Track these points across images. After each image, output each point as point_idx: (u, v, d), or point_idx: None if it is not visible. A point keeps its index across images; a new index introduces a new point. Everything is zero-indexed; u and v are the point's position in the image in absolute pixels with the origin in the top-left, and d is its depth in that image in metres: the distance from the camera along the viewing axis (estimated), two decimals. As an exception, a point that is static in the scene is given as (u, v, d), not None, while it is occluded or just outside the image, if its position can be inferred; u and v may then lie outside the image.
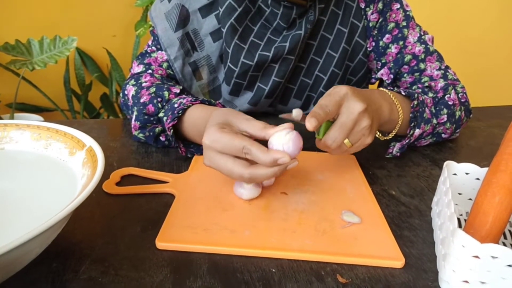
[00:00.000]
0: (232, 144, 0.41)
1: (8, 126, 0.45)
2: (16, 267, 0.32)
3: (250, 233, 0.41)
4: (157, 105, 0.58)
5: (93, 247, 0.39)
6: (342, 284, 0.36)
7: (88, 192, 0.33)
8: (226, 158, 0.42)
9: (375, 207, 0.47)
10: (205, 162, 0.44)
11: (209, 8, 0.67)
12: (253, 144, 0.41)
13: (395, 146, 0.60)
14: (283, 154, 0.40)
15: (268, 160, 0.40)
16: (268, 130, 0.43)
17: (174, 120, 0.54)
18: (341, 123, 0.46)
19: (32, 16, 1.61)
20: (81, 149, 0.42)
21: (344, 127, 0.46)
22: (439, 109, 0.62)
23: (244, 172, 0.41)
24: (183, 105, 0.55)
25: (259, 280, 0.36)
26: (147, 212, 0.45)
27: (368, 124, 0.48)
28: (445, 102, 0.62)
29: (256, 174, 0.41)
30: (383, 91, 0.57)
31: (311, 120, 0.43)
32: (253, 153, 0.41)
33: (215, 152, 0.43)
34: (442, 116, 0.62)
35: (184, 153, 0.56)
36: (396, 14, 0.70)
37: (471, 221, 0.38)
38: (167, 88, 0.60)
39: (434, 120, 0.61)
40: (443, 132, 0.64)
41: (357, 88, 0.50)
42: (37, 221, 0.30)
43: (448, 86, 0.64)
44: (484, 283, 0.34)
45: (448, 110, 0.62)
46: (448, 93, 0.63)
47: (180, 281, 0.36)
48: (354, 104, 0.46)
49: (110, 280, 0.35)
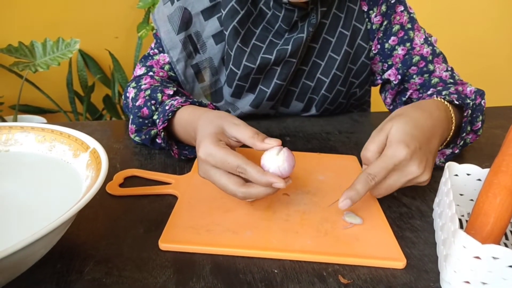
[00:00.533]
0: (226, 161, 0.41)
1: (13, 129, 0.46)
2: (22, 268, 0.32)
3: (253, 234, 0.42)
4: (151, 108, 0.58)
5: (97, 248, 0.40)
6: (344, 285, 0.36)
7: (93, 194, 0.33)
8: (220, 173, 0.42)
9: (377, 208, 0.48)
10: (200, 174, 0.44)
11: (211, 10, 0.67)
12: (248, 163, 0.41)
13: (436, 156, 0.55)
14: (279, 179, 0.40)
15: (263, 183, 0.40)
16: (256, 141, 0.42)
17: (164, 122, 0.53)
18: (390, 186, 0.44)
19: (34, 18, 1.62)
20: (85, 151, 0.42)
21: (392, 188, 0.44)
22: (475, 116, 0.59)
23: (238, 191, 0.41)
24: (173, 107, 0.54)
25: (261, 280, 0.36)
26: (150, 213, 0.45)
27: (426, 177, 0.44)
28: (481, 108, 0.60)
29: (249, 193, 0.41)
30: (447, 108, 0.52)
31: (345, 202, 0.41)
32: (248, 173, 0.40)
33: (209, 166, 0.42)
34: (477, 123, 0.60)
35: (177, 155, 0.56)
36: (400, 17, 0.70)
37: (473, 222, 0.38)
38: (160, 90, 0.59)
39: (468, 127, 0.58)
40: (470, 142, 0.62)
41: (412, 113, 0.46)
42: (42, 222, 0.30)
43: (482, 92, 0.62)
44: (485, 283, 0.34)
45: (482, 116, 0.61)
46: (484, 99, 0.61)
47: (183, 282, 0.36)
48: (411, 169, 0.43)
49: (114, 281, 0.36)
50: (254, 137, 0.43)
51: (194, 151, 0.56)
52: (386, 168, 0.42)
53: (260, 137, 0.43)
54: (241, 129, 0.43)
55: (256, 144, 0.42)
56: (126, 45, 1.76)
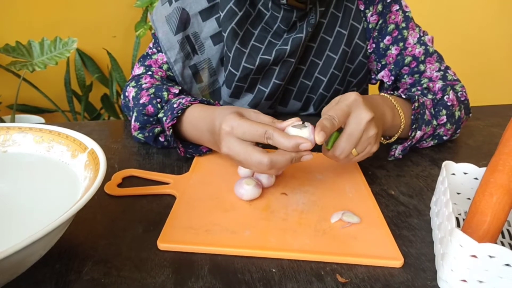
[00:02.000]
0: (254, 129, 0.42)
1: (11, 129, 0.46)
2: (20, 269, 0.32)
3: (251, 233, 0.42)
4: (156, 106, 0.58)
5: (95, 248, 0.40)
6: (341, 284, 0.37)
7: (91, 194, 0.33)
8: (245, 144, 0.43)
9: (375, 207, 0.48)
10: (223, 150, 0.45)
11: (209, 11, 0.67)
12: (275, 129, 0.42)
13: (396, 149, 0.60)
14: (305, 139, 0.42)
15: (290, 145, 0.42)
16: (277, 124, 0.44)
17: (173, 120, 0.54)
18: (349, 134, 0.47)
19: (32, 17, 1.62)
20: (83, 152, 0.43)
21: (352, 137, 0.47)
22: (438, 110, 0.62)
23: (263, 158, 0.42)
24: (182, 105, 0.55)
25: (259, 280, 0.37)
26: (148, 213, 0.46)
27: (374, 133, 0.48)
28: (444, 103, 0.62)
29: (276, 160, 0.42)
30: (385, 97, 0.57)
31: (319, 134, 0.43)
32: (275, 137, 0.42)
33: (234, 138, 0.43)
34: (442, 117, 0.62)
35: (183, 153, 0.57)
36: (395, 16, 0.70)
37: (469, 220, 0.38)
38: (166, 89, 0.60)
39: (434, 121, 0.61)
40: (444, 134, 0.64)
41: (364, 95, 0.50)
42: (40, 223, 0.30)
43: (446, 87, 0.64)
44: (482, 282, 0.34)
45: (447, 111, 0.62)
46: (447, 94, 0.63)
47: (182, 282, 0.36)
48: (362, 113, 0.47)
49: (113, 281, 0.36)
50: (274, 121, 0.45)
51: (198, 150, 0.57)
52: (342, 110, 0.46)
53: (279, 121, 0.45)
54: (260, 117, 0.46)
55: (277, 126, 0.44)
56: (124, 44, 1.76)
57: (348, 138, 0.47)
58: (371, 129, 0.47)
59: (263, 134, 0.42)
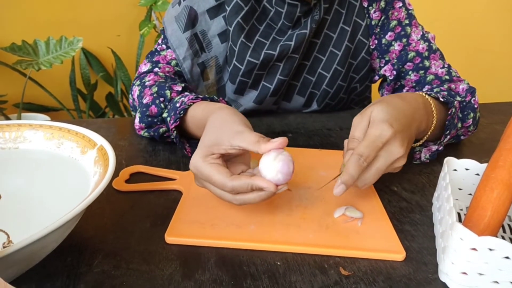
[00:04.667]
0: (212, 180, 0.41)
1: (22, 126, 0.47)
2: (35, 260, 0.34)
3: (256, 227, 0.43)
4: (160, 106, 0.58)
5: (105, 241, 0.41)
6: (344, 276, 0.38)
7: (102, 188, 0.34)
8: (213, 186, 0.42)
9: (377, 202, 0.49)
10: (196, 183, 0.45)
11: (217, 9, 0.68)
12: (233, 179, 0.40)
13: (421, 152, 0.58)
14: (267, 183, 0.39)
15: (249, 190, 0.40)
16: (261, 144, 0.40)
17: (176, 121, 0.53)
18: (378, 169, 0.43)
19: (38, 17, 1.63)
20: (93, 148, 0.44)
21: (379, 171, 0.44)
22: (466, 114, 0.61)
23: (233, 198, 0.41)
24: (184, 104, 0.54)
25: (264, 272, 0.38)
26: (155, 208, 0.47)
27: (402, 164, 0.45)
28: (471, 106, 0.62)
29: (244, 200, 0.41)
30: (427, 102, 0.53)
31: (338, 188, 0.41)
32: (235, 189, 0.40)
33: (202, 179, 0.43)
34: (469, 120, 0.61)
35: (190, 153, 0.56)
36: (398, 12, 0.71)
37: (470, 215, 0.39)
38: (168, 87, 0.59)
39: (459, 124, 0.60)
40: (463, 134, 0.64)
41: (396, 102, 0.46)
42: (52, 216, 0.31)
43: (473, 89, 0.63)
44: (482, 274, 0.35)
45: (474, 114, 0.62)
46: (475, 97, 0.63)
47: (189, 274, 0.37)
48: (395, 150, 0.43)
49: (122, 273, 0.37)
50: (259, 141, 0.40)
51: None
52: (375, 148, 0.42)
53: (264, 140, 0.41)
54: (245, 136, 0.41)
55: (261, 146, 0.40)
56: (129, 43, 1.77)
57: (375, 173, 0.44)
58: (401, 161, 0.44)
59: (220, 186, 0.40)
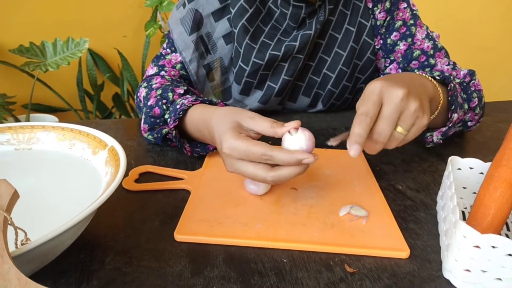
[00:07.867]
0: (251, 152, 0.41)
1: (35, 128, 0.48)
2: (49, 257, 0.35)
3: (262, 226, 0.44)
4: (162, 107, 0.59)
5: (116, 239, 0.42)
6: (350, 273, 0.38)
7: (114, 188, 0.36)
8: (246, 164, 0.42)
9: (382, 201, 0.49)
10: (227, 169, 0.45)
11: (221, 12, 0.69)
12: (273, 149, 0.41)
13: (433, 135, 0.57)
14: (307, 154, 0.41)
15: (293, 161, 0.41)
16: (276, 128, 0.43)
17: (175, 121, 0.55)
18: (385, 115, 0.43)
19: (45, 19, 1.65)
20: (103, 149, 0.45)
21: (389, 117, 0.43)
22: (470, 93, 0.61)
23: (267, 175, 0.42)
24: (184, 106, 0.55)
25: (271, 269, 0.39)
26: (164, 207, 0.48)
27: (417, 105, 0.43)
28: (474, 86, 0.62)
29: (279, 176, 0.42)
30: (420, 74, 0.53)
31: (353, 148, 0.41)
32: (274, 158, 0.41)
33: (235, 159, 0.43)
34: (474, 99, 0.61)
35: (190, 153, 0.57)
36: (403, 13, 0.71)
37: (474, 213, 0.40)
38: (171, 90, 0.61)
39: (465, 105, 0.59)
40: (470, 120, 0.64)
41: (392, 74, 0.46)
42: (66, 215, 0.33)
43: (472, 71, 0.63)
44: (485, 271, 0.36)
45: (478, 95, 0.62)
46: (474, 78, 0.63)
47: (198, 271, 0.38)
48: (394, 92, 0.43)
49: (134, 270, 0.38)
50: (273, 126, 0.43)
51: (206, 148, 0.58)
52: (371, 101, 0.42)
53: (278, 124, 0.43)
54: (258, 121, 0.43)
55: (277, 130, 0.42)
56: (134, 43, 1.79)
57: (385, 119, 0.43)
58: (410, 103, 0.43)
59: (260, 156, 0.41)
